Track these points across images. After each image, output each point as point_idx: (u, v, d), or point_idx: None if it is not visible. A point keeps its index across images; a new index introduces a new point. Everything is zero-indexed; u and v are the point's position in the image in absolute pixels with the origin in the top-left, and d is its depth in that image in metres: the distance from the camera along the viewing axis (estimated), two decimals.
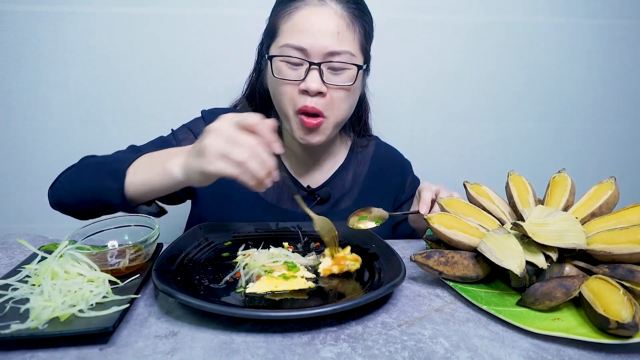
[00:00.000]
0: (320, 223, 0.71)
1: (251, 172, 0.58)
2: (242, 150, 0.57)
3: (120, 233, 0.68)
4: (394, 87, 1.30)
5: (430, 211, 0.78)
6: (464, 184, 0.76)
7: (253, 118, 0.59)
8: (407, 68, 1.30)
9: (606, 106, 1.41)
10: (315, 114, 0.79)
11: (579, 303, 0.54)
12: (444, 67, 1.32)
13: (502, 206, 0.72)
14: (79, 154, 1.27)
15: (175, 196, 0.87)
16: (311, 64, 0.76)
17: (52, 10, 1.17)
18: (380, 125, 1.07)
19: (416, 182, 1.03)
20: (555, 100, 1.38)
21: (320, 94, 0.78)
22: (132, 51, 1.21)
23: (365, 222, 0.77)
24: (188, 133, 0.90)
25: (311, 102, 0.78)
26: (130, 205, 0.68)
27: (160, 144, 0.88)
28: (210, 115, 0.94)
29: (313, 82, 0.76)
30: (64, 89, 1.22)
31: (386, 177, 0.99)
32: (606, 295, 0.50)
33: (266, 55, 0.81)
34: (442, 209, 0.72)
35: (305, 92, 0.78)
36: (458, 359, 0.46)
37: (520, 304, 0.56)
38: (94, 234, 0.66)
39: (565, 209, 0.67)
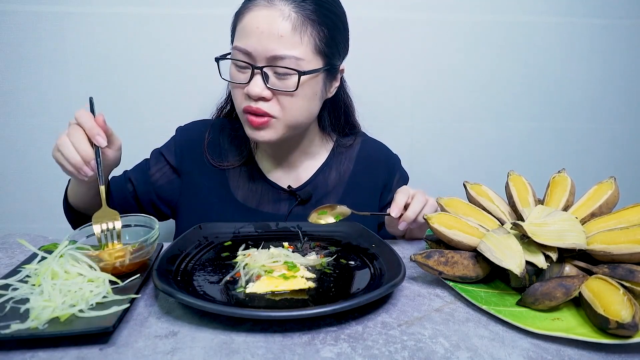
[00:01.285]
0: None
1: (66, 157, 0.68)
2: (63, 139, 0.68)
3: (121, 233, 0.68)
4: (393, 87, 1.30)
5: (401, 217, 0.75)
6: (464, 184, 0.76)
7: (78, 113, 0.70)
8: (406, 68, 1.30)
9: (606, 106, 1.40)
10: (261, 115, 0.78)
11: (579, 303, 0.54)
12: (443, 67, 1.32)
13: (502, 206, 0.72)
14: None
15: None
16: (254, 67, 0.75)
17: (52, 10, 1.16)
18: (380, 125, 1.07)
19: (405, 178, 1.01)
20: (556, 100, 1.38)
21: (262, 98, 0.77)
22: (132, 51, 1.21)
23: (326, 217, 0.77)
24: (159, 159, 0.94)
25: (255, 105, 0.77)
26: (78, 213, 0.87)
27: (138, 168, 0.95)
28: (182, 133, 0.96)
29: (255, 87, 0.75)
30: (64, 89, 1.22)
31: (372, 175, 0.97)
32: (606, 295, 0.50)
33: (215, 57, 0.81)
34: (442, 209, 0.72)
35: (249, 96, 0.77)
36: (458, 359, 0.46)
37: (520, 304, 0.56)
38: (94, 234, 0.66)
39: (565, 209, 0.67)
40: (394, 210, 0.75)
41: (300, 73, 0.76)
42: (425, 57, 1.31)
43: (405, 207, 0.76)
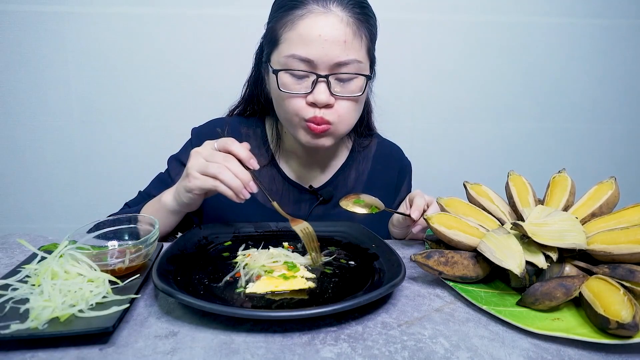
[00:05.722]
0: (299, 227, 0.72)
1: (226, 183, 0.67)
2: (216, 165, 0.68)
3: (120, 233, 0.68)
4: (394, 87, 1.31)
5: (418, 220, 0.77)
6: (464, 184, 0.76)
7: (229, 141, 0.71)
8: (407, 68, 1.30)
9: (606, 106, 1.41)
10: (324, 122, 0.78)
11: (579, 303, 0.54)
12: (444, 67, 1.32)
13: (502, 206, 0.72)
14: (79, 154, 1.28)
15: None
16: (318, 76, 0.74)
17: (52, 10, 1.17)
18: (381, 125, 1.07)
19: (409, 189, 1.03)
20: (556, 100, 1.38)
21: (328, 105, 0.77)
22: (132, 51, 1.21)
23: (359, 206, 0.78)
24: (179, 167, 0.91)
25: (319, 114, 0.77)
26: None
27: (159, 183, 0.92)
28: (199, 134, 0.93)
29: (321, 94, 0.75)
30: (64, 89, 1.22)
31: (387, 175, 0.99)
32: (606, 296, 0.50)
33: (271, 69, 0.79)
34: (442, 209, 0.72)
35: (313, 104, 0.77)
36: (458, 359, 0.46)
37: (520, 304, 0.56)
38: (94, 233, 0.66)
39: (565, 209, 0.67)
40: (415, 212, 0.76)
41: (367, 77, 0.77)
42: (426, 58, 1.31)
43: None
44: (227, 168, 0.68)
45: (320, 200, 0.91)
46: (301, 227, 0.72)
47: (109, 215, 0.82)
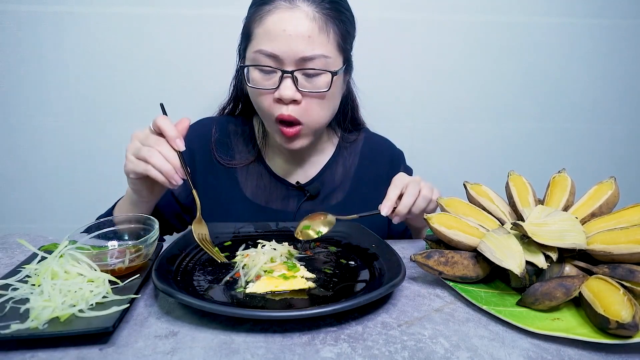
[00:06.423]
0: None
1: (157, 167, 0.64)
2: (147, 149, 0.65)
3: (121, 233, 0.68)
4: (393, 86, 1.30)
5: (394, 211, 0.72)
6: (464, 184, 0.76)
7: (159, 119, 0.67)
8: (407, 68, 1.30)
9: (606, 106, 1.40)
10: (292, 122, 0.78)
11: (579, 303, 0.54)
12: (443, 67, 1.32)
13: (502, 206, 0.72)
14: (79, 154, 1.28)
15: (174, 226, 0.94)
16: (284, 72, 0.75)
17: (52, 10, 1.17)
18: (381, 125, 1.07)
19: (409, 172, 1.01)
20: (556, 100, 1.38)
21: (294, 101, 0.77)
22: (132, 51, 1.21)
23: (312, 231, 0.75)
24: None
25: (287, 110, 0.77)
26: None
27: None
28: (188, 133, 0.87)
29: (287, 89, 0.75)
30: (64, 89, 1.22)
31: (377, 168, 0.98)
32: (606, 295, 0.50)
33: (239, 64, 0.79)
34: (442, 209, 0.72)
35: (280, 100, 0.77)
36: (458, 359, 0.46)
37: (520, 304, 0.56)
38: (94, 234, 0.66)
39: (565, 209, 0.67)
40: (385, 208, 0.71)
41: (333, 73, 0.76)
42: (426, 58, 1.31)
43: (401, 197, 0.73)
44: (158, 151, 0.65)
45: (308, 196, 0.92)
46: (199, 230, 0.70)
47: (97, 217, 0.82)
